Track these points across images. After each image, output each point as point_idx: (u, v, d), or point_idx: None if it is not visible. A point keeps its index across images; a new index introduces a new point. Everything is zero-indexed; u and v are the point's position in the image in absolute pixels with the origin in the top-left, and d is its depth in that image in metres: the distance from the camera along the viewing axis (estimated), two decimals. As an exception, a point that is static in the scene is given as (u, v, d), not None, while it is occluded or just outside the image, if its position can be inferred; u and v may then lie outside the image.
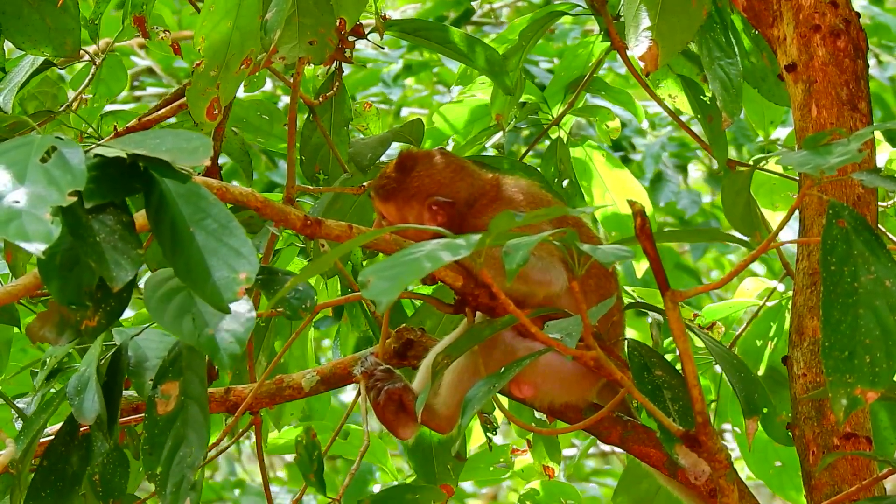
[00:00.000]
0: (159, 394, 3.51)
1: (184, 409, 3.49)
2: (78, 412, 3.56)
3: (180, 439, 3.47)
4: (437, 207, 4.13)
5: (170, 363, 3.55)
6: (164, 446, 3.46)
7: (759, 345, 5.16)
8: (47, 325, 3.36)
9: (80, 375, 3.62)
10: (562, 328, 3.50)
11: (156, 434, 3.49)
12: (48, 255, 3.21)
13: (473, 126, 5.43)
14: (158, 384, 3.53)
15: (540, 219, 3.49)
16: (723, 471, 3.46)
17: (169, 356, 3.55)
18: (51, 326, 3.36)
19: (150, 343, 3.71)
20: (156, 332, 3.77)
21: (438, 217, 4.12)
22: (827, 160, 3.25)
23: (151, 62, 9.76)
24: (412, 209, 4.16)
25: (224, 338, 3.22)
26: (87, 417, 3.55)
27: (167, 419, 3.48)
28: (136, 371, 3.66)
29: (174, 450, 3.46)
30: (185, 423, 3.48)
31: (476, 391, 3.56)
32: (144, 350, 3.68)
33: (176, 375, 3.53)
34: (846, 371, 3.24)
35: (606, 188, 5.46)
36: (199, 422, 3.48)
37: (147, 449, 3.47)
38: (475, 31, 9.60)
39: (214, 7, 4.34)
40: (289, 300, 3.51)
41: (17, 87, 4.83)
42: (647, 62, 4.24)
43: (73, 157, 3.13)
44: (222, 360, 3.21)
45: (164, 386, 3.52)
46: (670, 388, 3.71)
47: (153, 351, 3.68)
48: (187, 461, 3.44)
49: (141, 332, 3.73)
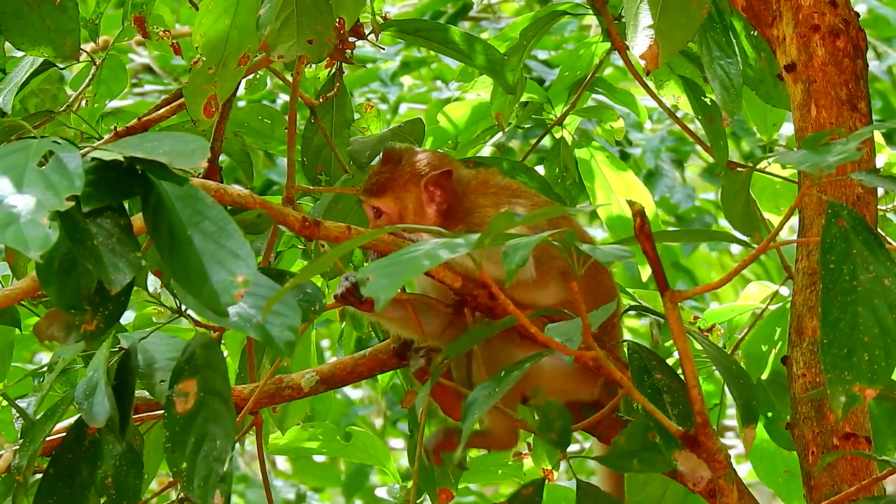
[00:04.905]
0: (177, 392, 3.50)
1: (204, 405, 3.49)
2: (88, 415, 3.56)
3: (203, 434, 3.46)
4: (433, 187, 4.16)
5: (185, 362, 3.54)
6: (186, 443, 3.46)
7: (763, 350, 5.15)
8: (55, 324, 3.36)
9: (89, 380, 3.61)
10: (562, 331, 3.50)
11: (177, 432, 3.48)
12: (47, 259, 3.21)
13: (476, 126, 5.43)
14: (175, 383, 3.52)
15: (538, 219, 3.49)
16: (722, 471, 3.46)
17: (183, 356, 3.55)
18: (59, 325, 3.35)
19: (157, 345, 3.71)
20: (162, 335, 3.78)
21: (437, 196, 4.15)
22: (825, 158, 3.25)
23: (149, 59, 9.75)
24: (410, 194, 4.19)
25: (275, 327, 3.27)
26: (98, 420, 3.55)
27: (187, 416, 3.48)
28: (147, 373, 3.66)
29: (198, 445, 3.45)
30: (206, 418, 3.47)
31: (477, 396, 3.55)
32: (152, 352, 3.68)
33: (192, 374, 3.52)
34: (845, 369, 3.25)
35: (611, 189, 5.45)
36: (223, 415, 3.48)
37: (170, 447, 3.46)
38: (472, 27, 9.59)
39: (213, 5, 4.34)
40: (298, 302, 3.51)
41: (17, 87, 4.83)
42: (648, 61, 4.24)
43: (71, 161, 3.12)
44: (279, 346, 3.25)
45: (181, 385, 3.51)
46: (670, 391, 3.70)
47: (161, 353, 3.68)
48: (213, 454, 3.43)
49: (148, 336, 3.73)
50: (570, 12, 5.25)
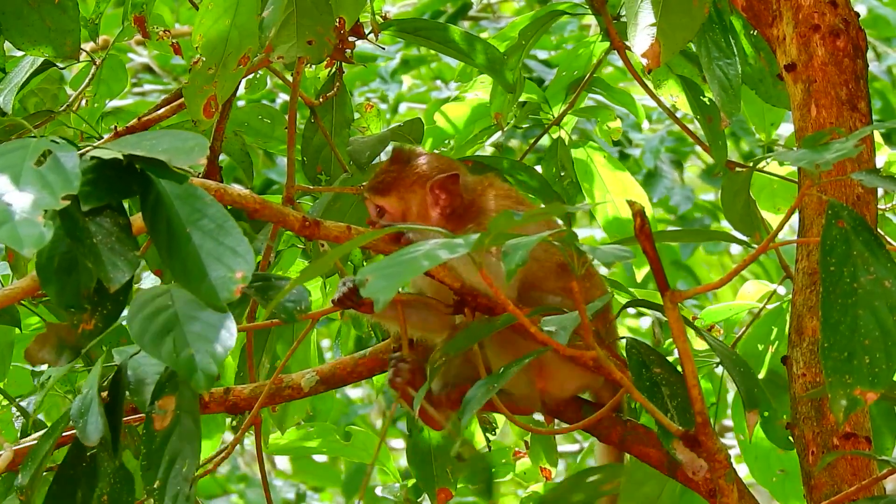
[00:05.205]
0: (156, 409, 3.50)
1: (179, 422, 3.49)
2: (82, 435, 3.55)
3: (176, 453, 3.46)
4: (439, 190, 4.16)
5: (167, 378, 3.54)
6: (161, 461, 3.45)
7: (760, 349, 5.15)
8: (46, 347, 3.36)
9: (83, 398, 3.60)
10: (558, 322, 3.50)
11: (153, 450, 3.47)
12: (46, 258, 3.22)
13: (475, 125, 5.43)
14: (155, 400, 3.52)
15: (537, 218, 3.49)
16: (722, 471, 3.46)
17: (165, 372, 3.54)
18: (49, 348, 3.36)
19: (149, 360, 3.69)
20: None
21: (441, 199, 4.16)
22: (823, 156, 3.25)
23: (149, 59, 9.75)
24: (415, 195, 4.19)
25: (203, 359, 3.21)
26: (92, 439, 3.54)
27: (164, 434, 3.47)
28: (137, 389, 3.64)
29: (170, 464, 3.45)
30: (180, 436, 3.47)
31: (475, 391, 3.56)
32: (144, 368, 3.66)
33: (172, 390, 3.51)
34: (845, 372, 3.24)
35: (607, 190, 5.46)
36: (193, 433, 3.47)
37: (145, 465, 3.46)
38: (472, 27, 9.59)
39: (213, 5, 4.34)
40: (283, 304, 3.51)
41: (17, 87, 4.83)
42: (650, 60, 4.24)
43: (68, 160, 3.13)
44: (198, 381, 3.20)
45: (161, 401, 3.51)
46: (668, 385, 3.71)
47: (152, 368, 3.66)
48: (183, 473, 3.43)
49: (140, 352, 3.72)
50: (570, 12, 5.26)
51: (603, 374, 3.64)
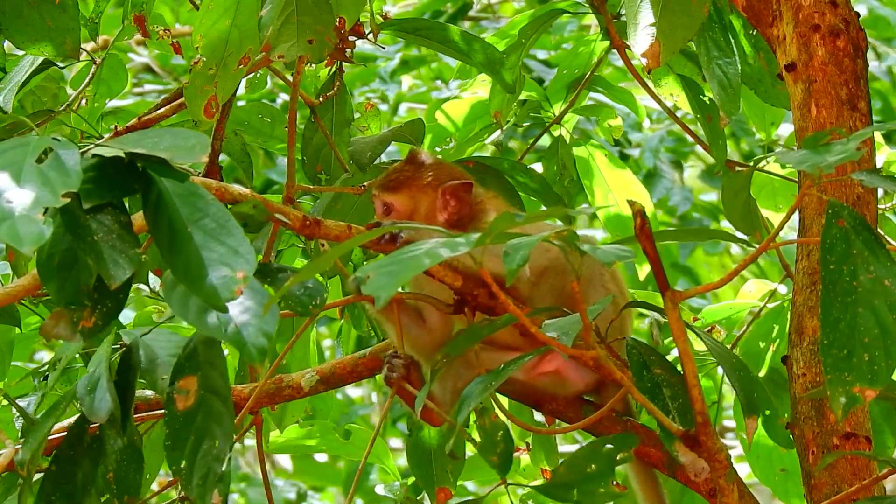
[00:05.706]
0: (177, 389, 3.49)
1: (204, 403, 3.47)
2: (90, 411, 3.54)
3: (203, 433, 3.45)
4: (450, 196, 4.18)
5: (185, 359, 3.52)
6: (186, 441, 3.45)
7: (761, 347, 5.15)
8: (61, 323, 3.35)
9: (90, 375, 3.60)
10: (559, 326, 3.50)
11: (177, 429, 3.46)
12: (47, 255, 3.22)
13: (475, 124, 5.44)
14: (175, 380, 3.51)
15: (539, 218, 3.49)
16: (723, 471, 3.46)
17: (184, 352, 3.53)
18: (65, 324, 3.35)
19: (158, 342, 3.69)
20: (164, 332, 3.75)
21: (451, 205, 4.18)
22: (825, 158, 3.25)
23: (149, 59, 9.76)
24: (426, 196, 4.21)
25: (250, 332, 3.22)
26: (100, 415, 3.53)
27: (188, 414, 3.46)
28: (148, 369, 3.64)
29: (197, 443, 3.44)
30: (206, 416, 3.46)
31: (473, 388, 3.56)
32: (154, 349, 3.66)
33: (193, 371, 3.50)
34: (845, 369, 3.25)
35: (609, 188, 5.46)
36: (223, 414, 3.46)
37: (169, 445, 3.45)
38: (472, 27, 9.59)
39: (213, 5, 4.34)
40: (299, 297, 3.50)
41: (17, 86, 4.83)
42: (650, 59, 4.24)
43: (69, 158, 3.13)
44: (250, 352, 3.20)
45: (182, 382, 3.50)
46: (669, 385, 3.71)
47: (163, 349, 3.66)
48: (212, 454, 3.42)
49: (149, 332, 3.72)
50: (570, 11, 5.26)
51: (603, 374, 3.64)
